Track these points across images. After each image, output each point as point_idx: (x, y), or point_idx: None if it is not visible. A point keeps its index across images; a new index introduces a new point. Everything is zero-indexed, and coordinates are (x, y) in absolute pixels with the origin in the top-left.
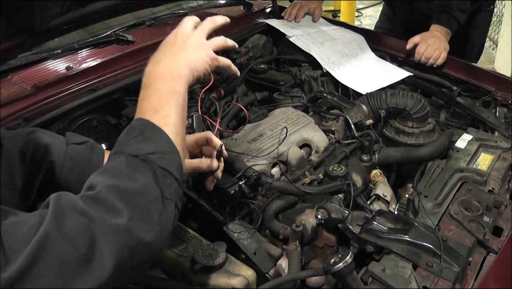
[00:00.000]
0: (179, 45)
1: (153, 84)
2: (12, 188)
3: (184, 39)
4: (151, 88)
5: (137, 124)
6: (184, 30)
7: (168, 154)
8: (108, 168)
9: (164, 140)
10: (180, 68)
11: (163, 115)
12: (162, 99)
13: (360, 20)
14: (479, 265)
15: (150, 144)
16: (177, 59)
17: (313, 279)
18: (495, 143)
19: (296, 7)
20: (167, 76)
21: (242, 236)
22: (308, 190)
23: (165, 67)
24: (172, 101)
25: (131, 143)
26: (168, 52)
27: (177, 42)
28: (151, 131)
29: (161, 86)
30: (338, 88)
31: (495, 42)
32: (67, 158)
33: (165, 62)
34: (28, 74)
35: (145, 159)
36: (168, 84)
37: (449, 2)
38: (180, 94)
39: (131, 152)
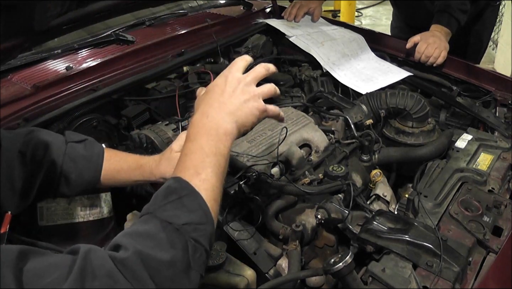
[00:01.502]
0: (229, 95)
1: (198, 139)
2: (12, 188)
3: (234, 86)
4: (195, 144)
5: (176, 186)
6: (235, 75)
7: (203, 224)
8: (140, 231)
9: (202, 209)
10: (228, 124)
11: (204, 179)
12: (205, 160)
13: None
14: (479, 265)
15: (187, 213)
16: (226, 113)
17: (313, 279)
18: (495, 143)
19: (296, 7)
20: (213, 133)
21: (242, 236)
22: (308, 190)
23: (212, 121)
24: (214, 162)
25: (167, 208)
26: (217, 104)
27: (227, 90)
28: (189, 198)
29: (206, 144)
30: (338, 88)
31: (495, 42)
32: (66, 156)
33: (213, 115)
34: (28, 74)
35: (179, 228)
36: (213, 142)
37: (449, 2)
38: (223, 156)
39: (166, 217)
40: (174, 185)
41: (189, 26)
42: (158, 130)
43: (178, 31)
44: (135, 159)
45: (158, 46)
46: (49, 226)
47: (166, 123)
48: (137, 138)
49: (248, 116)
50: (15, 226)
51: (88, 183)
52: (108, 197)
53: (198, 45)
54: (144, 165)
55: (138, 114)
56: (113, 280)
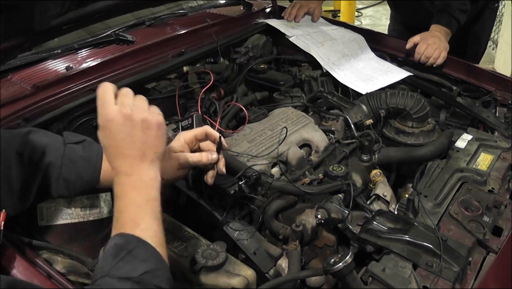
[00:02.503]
0: (125, 141)
1: (126, 195)
2: (10, 189)
3: (121, 128)
4: (125, 200)
5: (122, 242)
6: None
7: (160, 270)
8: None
9: (154, 256)
10: (146, 170)
11: (144, 228)
12: (140, 210)
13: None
14: (479, 265)
15: (141, 263)
16: (137, 161)
17: (313, 279)
18: (495, 143)
19: (296, 7)
20: (137, 185)
21: (242, 236)
22: (308, 190)
23: (131, 176)
24: (149, 209)
25: (120, 265)
26: (123, 157)
27: (120, 137)
28: (139, 249)
29: (135, 195)
30: (338, 88)
31: (495, 42)
32: (65, 158)
33: (127, 170)
34: (28, 74)
35: (139, 280)
36: (141, 192)
37: (449, 2)
38: (155, 199)
39: (122, 274)
40: (120, 241)
41: (189, 26)
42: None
43: (178, 31)
44: None
45: (158, 46)
46: (49, 226)
47: (166, 123)
48: None
49: (158, 146)
50: (15, 226)
51: (88, 184)
52: (108, 197)
53: (198, 45)
54: None
55: None
56: None
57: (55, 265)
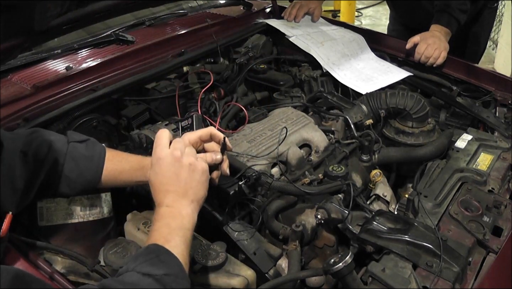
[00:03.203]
0: (173, 180)
1: (163, 219)
2: (13, 188)
3: (172, 168)
4: (162, 222)
5: (154, 248)
6: (166, 154)
7: (181, 278)
8: (125, 281)
9: (178, 265)
10: (186, 208)
11: (173, 245)
12: (172, 232)
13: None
14: (479, 265)
15: (165, 267)
16: (180, 199)
17: (313, 279)
18: (495, 143)
19: (296, 7)
20: (176, 216)
21: (242, 236)
22: (308, 190)
23: (172, 209)
24: (181, 234)
25: (146, 264)
26: (168, 193)
27: (170, 176)
28: (166, 256)
29: (171, 222)
30: (338, 88)
31: (495, 42)
32: (68, 156)
33: (169, 204)
34: (28, 74)
35: (160, 279)
36: (178, 221)
37: (449, 2)
38: (188, 230)
39: (146, 271)
40: (152, 247)
41: (189, 26)
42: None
43: (178, 31)
44: (137, 160)
45: (158, 46)
46: (49, 226)
47: (166, 123)
48: (137, 139)
49: (199, 189)
50: (15, 226)
51: (89, 182)
52: (108, 197)
53: (198, 45)
54: (146, 166)
55: (138, 114)
56: None
57: (55, 265)
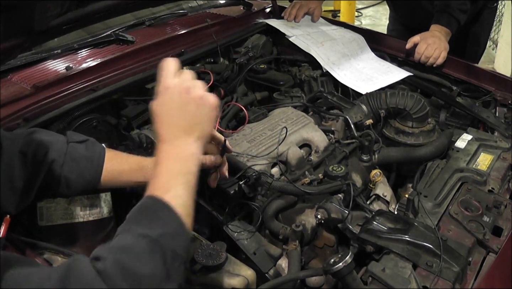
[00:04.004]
0: (178, 113)
1: (164, 162)
2: (12, 188)
3: (178, 99)
4: (162, 167)
5: (149, 202)
6: (173, 84)
7: (180, 235)
8: (118, 245)
9: (176, 222)
10: (189, 146)
11: (174, 196)
12: (173, 179)
13: (360, 20)
14: (479, 265)
15: (162, 225)
16: (183, 134)
17: (313, 279)
18: (495, 143)
19: (296, 7)
20: (178, 156)
21: (242, 236)
22: (308, 190)
23: (174, 146)
24: (183, 180)
25: (142, 223)
26: (171, 127)
27: (174, 107)
28: (163, 211)
29: (173, 165)
30: (338, 88)
31: (495, 42)
32: (67, 156)
33: (171, 140)
34: (28, 74)
35: (157, 239)
36: (180, 163)
37: (449, 2)
38: (191, 174)
39: (142, 231)
40: (147, 202)
41: (189, 26)
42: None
43: (178, 31)
44: (137, 160)
45: (158, 46)
46: (49, 226)
47: None
48: (137, 138)
49: (205, 125)
50: (15, 226)
51: (89, 183)
52: (108, 197)
53: (198, 45)
54: (146, 167)
55: (138, 114)
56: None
57: (55, 265)
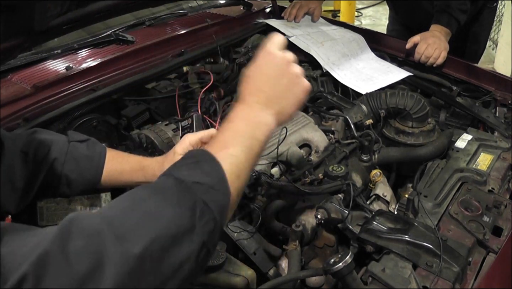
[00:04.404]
0: (273, 83)
1: (235, 121)
2: (13, 188)
3: (278, 71)
4: (231, 125)
5: (196, 153)
6: (277, 56)
7: (216, 190)
8: (152, 186)
9: (218, 176)
10: (268, 117)
11: (231, 154)
12: (237, 139)
13: (360, 20)
14: (479, 265)
15: (201, 174)
16: (268, 104)
17: (313, 279)
18: (495, 143)
19: (296, 7)
20: (251, 120)
21: (242, 236)
22: (308, 190)
23: (253, 111)
24: (247, 144)
25: (183, 169)
26: (260, 92)
27: (271, 76)
28: (207, 163)
29: (242, 126)
30: (338, 88)
31: (495, 42)
32: (68, 155)
33: (254, 105)
34: (28, 74)
35: (190, 186)
36: (249, 127)
37: (449, 2)
38: (258, 141)
39: (179, 176)
40: (195, 152)
41: (189, 26)
42: (158, 130)
43: (178, 31)
44: (138, 160)
45: (158, 46)
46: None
47: (166, 123)
48: (137, 138)
49: (291, 106)
50: None
51: (89, 182)
52: (108, 197)
53: (198, 45)
54: (146, 167)
55: (138, 114)
56: (100, 238)
57: None
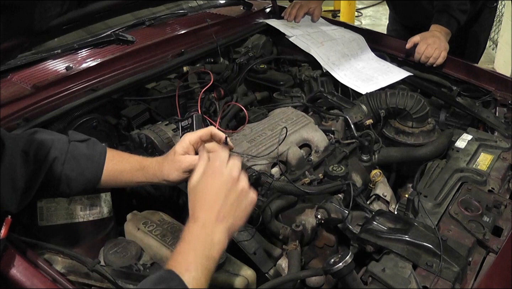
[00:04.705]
0: (222, 201)
1: (192, 242)
2: (13, 187)
3: (226, 189)
4: (190, 245)
5: (166, 276)
6: (225, 173)
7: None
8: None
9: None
10: (221, 235)
11: (194, 277)
12: (196, 261)
13: (360, 20)
14: (479, 265)
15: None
16: (220, 223)
17: (313, 279)
18: (495, 143)
19: (296, 7)
20: (207, 240)
21: (242, 236)
22: (308, 190)
23: (207, 231)
24: (205, 265)
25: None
26: (211, 212)
27: (220, 196)
28: (176, 286)
29: (200, 248)
30: (338, 88)
31: (495, 42)
32: (69, 154)
33: (207, 224)
34: (28, 74)
35: None
36: (206, 248)
37: (449, 2)
38: (214, 261)
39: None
40: (165, 275)
41: (189, 26)
42: (158, 130)
43: (178, 31)
44: (138, 160)
45: (158, 46)
46: (49, 226)
47: (166, 123)
48: (137, 138)
49: (241, 219)
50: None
51: (89, 182)
52: (108, 197)
53: (198, 45)
54: (147, 167)
55: (138, 114)
56: None
57: (55, 265)
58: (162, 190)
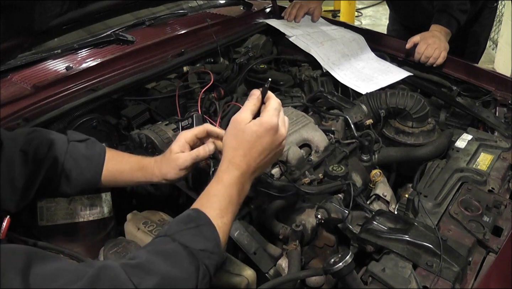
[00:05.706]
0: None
1: (231, 188)
2: (12, 187)
3: (273, 145)
4: (227, 191)
5: (195, 216)
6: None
7: (215, 254)
8: (157, 249)
9: (216, 241)
10: (249, 184)
11: (225, 222)
12: (229, 208)
13: (360, 20)
14: (479, 265)
15: (203, 241)
16: (255, 172)
17: (313, 279)
18: (495, 143)
19: (296, 7)
20: (240, 190)
21: (242, 236)
22: (308, 190)
23: (243, 177)
24: (234, 212)
25: (185, 233)
26: (252, 160)
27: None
28: (206, 228)
29: (235, 196)
30: (338, 88)
31: (495, 42)
32: (68, 154)
33: (245, 171)
34: (28, 74)
35: (196, 253)
36: (239, 197)
37: (449, 2)
38: (239, 206)
39: (184, 242)
40: (193, 214)
41: (189, 26)
42: (158, 130)
43: (178, 31)
44: (137, 160)
45: (158, 46)
46: (49, 226)
47: (166, 123)
48: (137, 138)
49: (266, 168)
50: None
51: (89, 182)
52: (108, 197)
53: (198, 45)
54: (146, 166)
55: (138, 114)
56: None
57: None
58: (162, 190)
